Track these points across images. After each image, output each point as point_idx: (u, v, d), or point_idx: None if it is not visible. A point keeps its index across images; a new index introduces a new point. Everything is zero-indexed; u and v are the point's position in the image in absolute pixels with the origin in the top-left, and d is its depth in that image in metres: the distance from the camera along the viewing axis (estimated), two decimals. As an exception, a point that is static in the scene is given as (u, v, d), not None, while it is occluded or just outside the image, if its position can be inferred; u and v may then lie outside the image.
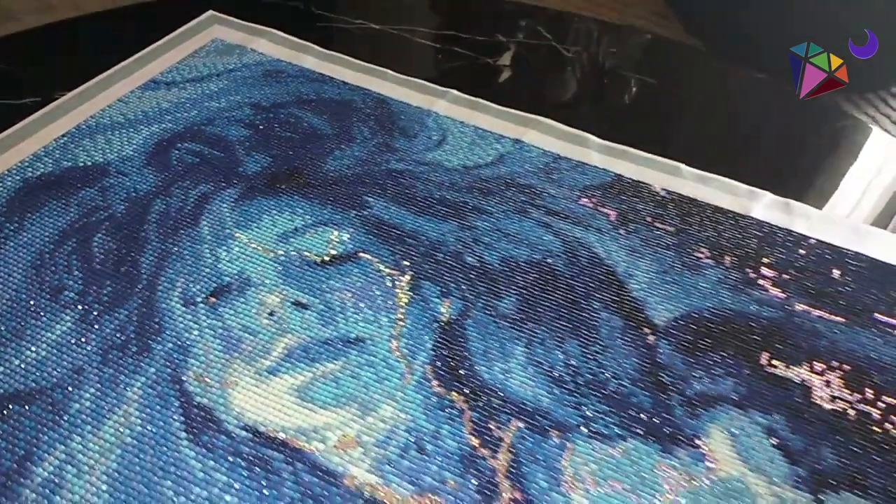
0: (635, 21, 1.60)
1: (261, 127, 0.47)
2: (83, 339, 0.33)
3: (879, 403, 0.35)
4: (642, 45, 0.65)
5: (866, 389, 0.36)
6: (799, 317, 0.39)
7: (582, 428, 0.32)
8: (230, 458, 0.29)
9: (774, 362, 0.36)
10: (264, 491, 0.28)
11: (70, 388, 0.31)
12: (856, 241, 0.44)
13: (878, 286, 0.41)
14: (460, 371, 0.34)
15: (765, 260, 0.42)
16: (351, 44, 0.56)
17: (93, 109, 0.47)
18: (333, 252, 0.39)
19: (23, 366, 0.32)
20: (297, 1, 0.61)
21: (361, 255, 0.39)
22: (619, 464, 0.31)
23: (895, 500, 0.31)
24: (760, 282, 0.41)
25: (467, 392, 0.33)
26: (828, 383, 0.36)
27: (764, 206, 0.46)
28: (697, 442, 0.32)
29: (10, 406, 0.30)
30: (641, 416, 0.33)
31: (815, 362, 0.37)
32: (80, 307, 0.35)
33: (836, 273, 0.42)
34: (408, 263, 0.39)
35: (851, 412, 0.35)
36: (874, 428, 0.34)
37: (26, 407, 0.30)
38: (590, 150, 0.49)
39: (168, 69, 0.51)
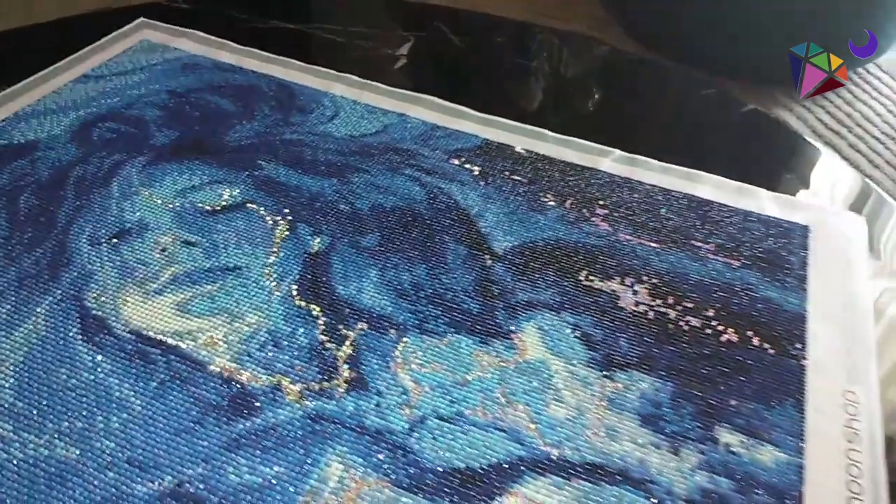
0: (578, 28, 1.68)
1: (172, 108, 0.54)
2: (4, 271, 0.40)
3: (678, 307, 0.42)
4: (532, 36, 0.73)
5: (669, 297, 0.42)
6: (620, 243, 0.46)
7: (415, 327, 0.39)
8: (115, 352, 0.36)
9: (591, 277, 0.43)
10: (141, 375, 0.35)
11: (-11, 309, 0.38)
12: (686, 186, 0.51)
13: (699, 219, 0.48)
14: (320, 289, 0.41)
15: (601, 202, 0.49)
16: (264, 40, 0.63)
17: (30, 100, 0.54)
18: (224, 203, 0.46)
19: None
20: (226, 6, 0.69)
21: (248, 205, 0.46)
22: (443, 351, 0.38)
23: (675, 376, 0.38)
24: (593, 219, 0.48)
25: (324, 304, 0.40)
26: (635, 292, 0.43)
27: (612, 160, 0.53)
28: (512, 336, 0.39)
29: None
30: (468, 318, 0.40)
31: (627, 277, 0.43)
32: (5, 249, 0.41)
33: (662, 211, 0.49)
34: (287, 210, 0.46)
35: (651, 313, 0.41)
36: (669, 325, 0.41)
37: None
38: (466, 121, 0.56)
39: (98, 65, 0.59)
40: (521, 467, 0.33)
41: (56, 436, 0.33)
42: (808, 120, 1.47)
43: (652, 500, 0.32)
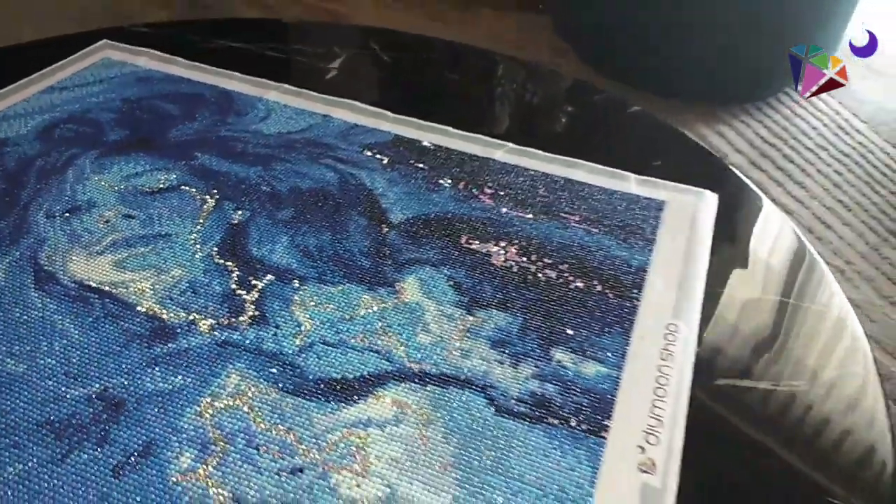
0: (541, 58, 1.79)
1: (125, 112, 0.62)
2: (-30, 240, 0.48)
3: (539, 263, 0.50)
4: (454, 53, 0.82)
5: (533, 255, 0.51)
6: (500, 215, 0.54)
7: (314, 279, 0.47)
8: (60, 297, 0.44)
9: (471, 241, 0.51)
10: (80, 313, 0.43)
11: (-43, 266, 0.46)
12: (565, 171, 0.60)
13: (570, 196, 0.57)
14: (237, 250, 0.49)
15: (489, 184, 0.58)
16: (213, 58, 0.72)
17: (3, 106, 0.63)
18: (161, 186, 0.54)
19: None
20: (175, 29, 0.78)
21: (182, 187, 0.54)
22: (334, 296, 0.46)
23: (526, 313, 0.46)
24: (480, 197, 0.56)
25: (239, 261, 0.48)
26: (505, 251, 0.51)
27: (504, 151, 0.62)
28: (395, 285, 0.47)
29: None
30: (360, 272, 0.48)
31: (501, 241, 0.52)
32: (-28, 224, 0.50)
33: (541, 190, 0.57)
34: (216, 191, 0.54)
35: (516, 268, 0.50)
36: (528, 276, 0.49)
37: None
38: (382, 121, 0.65)
39: (63, 79, 0.67)
40: (388, 378, 0.41)
41: (7, 356, 0.40)
42: (744, 133, 1.57)
43: (489, 398, 0.40)
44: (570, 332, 0.45)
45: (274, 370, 0.41)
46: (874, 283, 1.20)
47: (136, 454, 0.36)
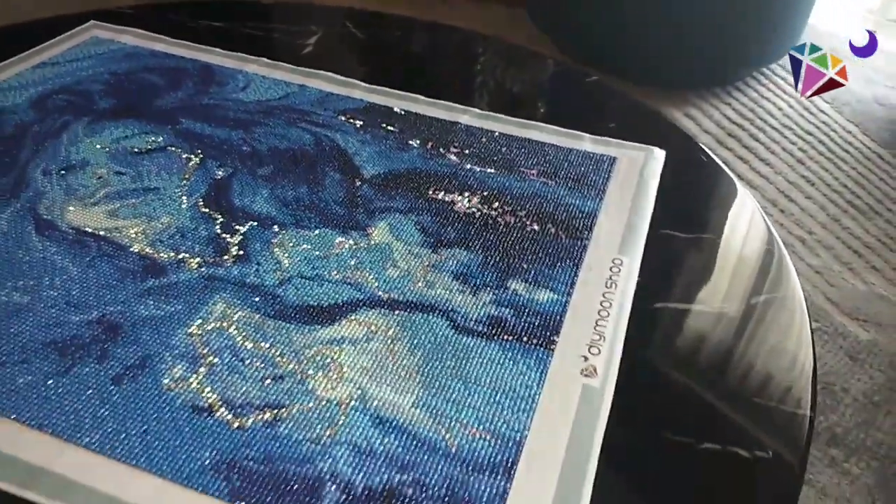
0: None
1: (113, 84, 0.67)
2: (-27, 194, 0.52)
3: (499, 209, 0.55)
4: (422, 29, 0.86)
5: (494, 203, 0.55)
6: (465, 170, 0.59)
7: (293, 224, 0.52)
8: (59, 240, 0.48)
9: (437, 192, 0.56)
10: (78, 253, 0.47)
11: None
12: (524, 132, 0.65)
13: (529, 154, 0.61)
14: (221, 201, 0.53)
15: (455, 144, 0.62)
16: (195, 35, 0.76)
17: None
18: (149, 147, 0.58)
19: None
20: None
21: (169, 148, 0.59)
22: (311, 238, 0.50)
23: (485, 251, 0.51)
24: (447, 155, 0.61)
25: (223, 210, 0.52)
26: (469, 201, 0.56)
27: (469, 116, 0.67)
28: (367, 228, 0.52)
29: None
30: (335, 218, 0.52)
31: (465, 192, 0.56)
32: (-26, 182, 0.54)
33: (503, 150, 0.62)
34: (200, 151, 0.58)
35: (478, 214, 0.54)
36: (489, 221, 0.54)
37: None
38: (355, 90, 0.69)
39: (55, 55, 0.71)
40: (360, 305, 0.46)
41: (13, 290, 0.44)
42: (713, 115, 1.63)
43: (450, 321, 0.45)
44: (525, 266, 0.50)
45: (257, 299, 0.45)
46: (834, 251, 1.26)
47: (132, 367, 0.40)
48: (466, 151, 0.61)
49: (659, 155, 0.62)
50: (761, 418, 0.42)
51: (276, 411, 0.39)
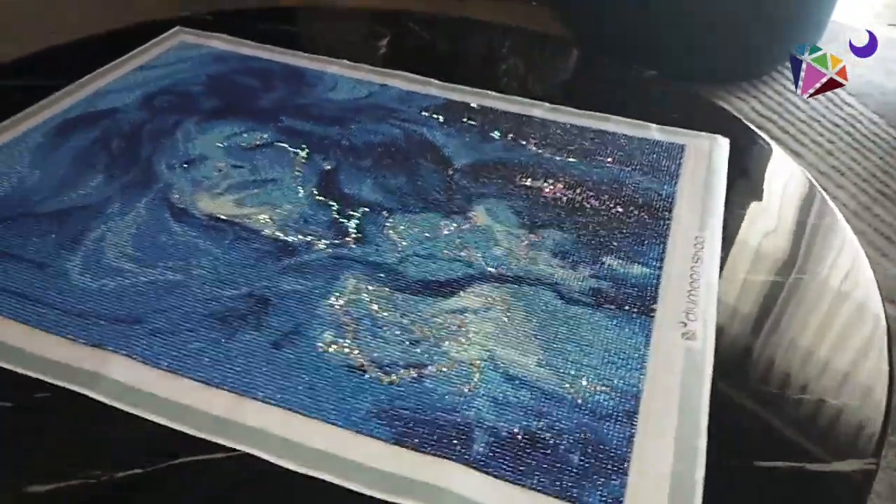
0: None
1: (210, 85, 0.72)
2: (110, 187, 0.57)
3: (583, 194, 0.60)
4: (485, 30, 0.91)
5: (577, 188, 0.60)
6: (545, 159, 0.64)
7: (400, 210, 0.57)
8: (197, 226, 0.53)
9: (523, 180, 0.61)
10: (216, 237, 0.52)
11: (106, 205, 0.55)
12: (596, 124, 0.70)
13: (603, 143, 0.66)
14: (333, 190, 0.58)
15: (533, 135, 0.67)
16: (276, 39, 0.81)
17: (104, 82, 0.72)
18: (258, 143, 0.64)
19: (81, 191, 0.56)
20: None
21: (276, 143, 0.64)
22: (419, 221, 0.56)
23: (577, 231, 0.56)
24: (527, 145, 0.66)
25: (336, 198, 0.57)
26: (553, 187, 0.60)
27: (542, 110, 0.71)
28: (467, 212, 0.57)
29: (74, 214, 0.54)
30: (436, 203, 0.58)
31: (548, 178, 0.61)
32: (107, 174, 0.59)
33: (578, 140, 0.67)
34: (304, 146, 0.64)
35: (564, 199, 0.59)
36: (575, 204, 0.59)
37: (90, 212, 0.54)
38: (432, 88, 0.74)
39: (149, 60, 0.76)
40: (473, 279, 0.51)
41: (165, 269, 0.50)
42: (742, 109, 1.67)
43: (556, 292, 0.50)
44: (615, 244, 0.55)
45: (382, 275, 0.50)
46: (867, 237, 1.30)
47: (288, 334, 0.45)
48: (544, 142, 0.66)
49: (723, 143, 0.67)
50: (841, 377, 0.47)
51: (419, 370, 0.44)
